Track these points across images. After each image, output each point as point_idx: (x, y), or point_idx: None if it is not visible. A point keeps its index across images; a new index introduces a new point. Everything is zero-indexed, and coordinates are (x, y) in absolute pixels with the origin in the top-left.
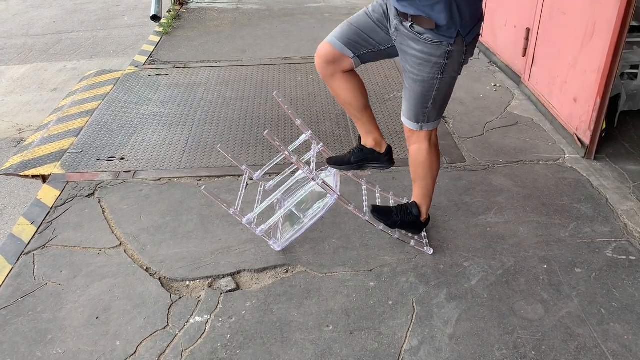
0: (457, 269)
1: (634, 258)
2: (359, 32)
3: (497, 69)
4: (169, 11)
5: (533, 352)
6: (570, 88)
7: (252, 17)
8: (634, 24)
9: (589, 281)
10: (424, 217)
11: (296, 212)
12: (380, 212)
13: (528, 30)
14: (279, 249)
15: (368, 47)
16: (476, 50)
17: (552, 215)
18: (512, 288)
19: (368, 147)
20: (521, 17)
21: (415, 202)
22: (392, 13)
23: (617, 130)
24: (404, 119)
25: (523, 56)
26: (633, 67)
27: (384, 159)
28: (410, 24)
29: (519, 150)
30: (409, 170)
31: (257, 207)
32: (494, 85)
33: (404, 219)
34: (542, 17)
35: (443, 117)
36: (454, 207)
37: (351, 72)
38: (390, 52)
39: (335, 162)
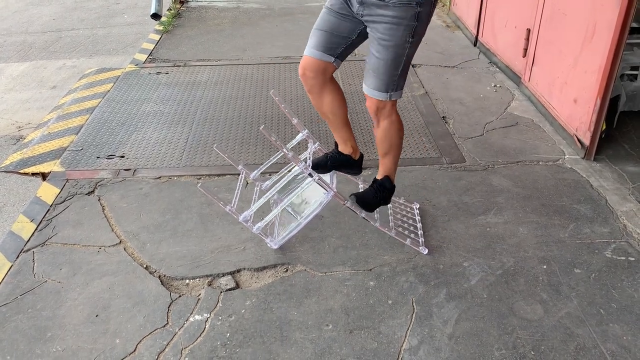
0: (457, 268)
1: (633, 259)
2: (330, 33)
3: (497, 69)
4: (169, 9)
5: (532, 352)
6: (571, 89)
7: (253, 16)
8: (634, 25)
9: (588, 282)
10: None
11: (291, 211)
12: (363, 201)
13: (528, 30)
14: (275, 246)
15: (342, 43)
16: (476, 51)
17: (551, 216)
18: (511, 288)
19: (345, 153)
20: (522, 17)
21: (387, 176)
22: None
23: (617, 131)
24: (372, 91)
25: (523, 57)
26: (633, 68)
27: (357, 165)
28: None
29: (518, 150)
30: (409, 170)
31: (253, 205)
32: (494, 86)
33: (383, 196)
34: (543, 17)
35: (443, 117)
36: (454, 207)
37: (335, 84)
38: (362, 35)
39: (313, 165)
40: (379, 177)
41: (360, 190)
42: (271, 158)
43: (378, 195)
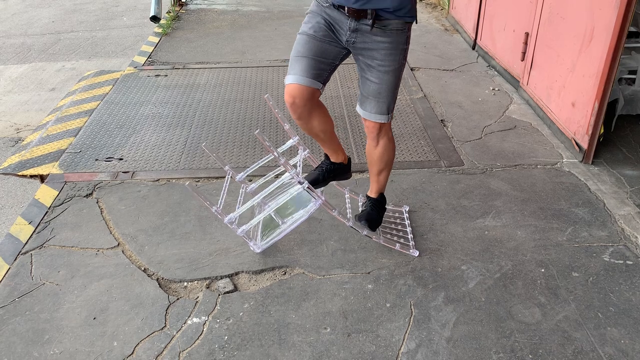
0: (455, 272)
1: (631, 263)
2: (316, 59)
3: (496, 73)
4: (168, 12)
5: (530, 356)
6: (569, 92)
7: (252, 19)
8: (632, 29)
9: (586, 285)
10: None
11: (275, 216)
12: (372, 223)
13: (527, 34)
14: (258, 250)
15: (327, 68)
16: (475, 54)
17: (549, 219)
18: (509, 292)
19: (338, 162)
20: (520, 21)
21: (382, 193)
22: (340, 18)
23: (615, 134)
24: (374, 116)
25: (522, 60)
26: (631, 72)
27: (348, 169)
28: (370, 20)
29: (517, 154)
30: (408, 173)
31: (239, 207)
32: (493, 89)
33: (381, 212)
34: (541, 21)
35: (441, 120)
36: (452, 210)
37: (320, 104)
38: (342, 60)
39: (312, 182)
40: (374, 195)
41: (346, 199)
42: (259, 161)
43: (380, 212)
